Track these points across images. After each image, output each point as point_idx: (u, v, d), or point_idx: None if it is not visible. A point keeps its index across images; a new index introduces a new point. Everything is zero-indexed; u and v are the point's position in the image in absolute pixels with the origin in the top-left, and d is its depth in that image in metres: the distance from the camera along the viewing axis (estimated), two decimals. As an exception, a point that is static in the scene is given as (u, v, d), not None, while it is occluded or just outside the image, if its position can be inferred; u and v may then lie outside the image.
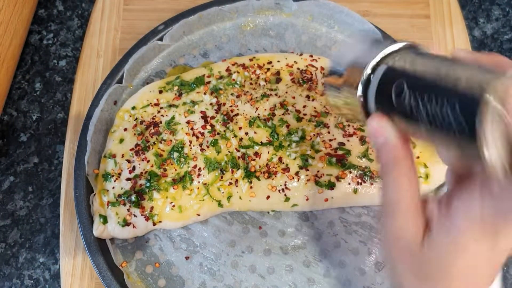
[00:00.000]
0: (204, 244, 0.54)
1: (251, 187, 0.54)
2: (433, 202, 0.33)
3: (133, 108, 0.57)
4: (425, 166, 0.55)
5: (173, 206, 0.53)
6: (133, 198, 0.53)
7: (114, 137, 0.56)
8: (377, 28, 0.60)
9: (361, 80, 0.36)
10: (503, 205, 0.28)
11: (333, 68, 0.39)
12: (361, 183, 0.54)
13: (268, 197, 0.54)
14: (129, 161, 0.54)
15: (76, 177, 0.54)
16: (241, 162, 0.54)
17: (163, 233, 0.55)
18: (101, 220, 0.52)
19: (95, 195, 0.54)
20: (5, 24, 0.58)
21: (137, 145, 0.55)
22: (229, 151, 0.55)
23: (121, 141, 0.56)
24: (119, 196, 0.53)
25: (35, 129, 0.62)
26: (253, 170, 0.54)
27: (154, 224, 0.53)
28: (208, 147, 0.55)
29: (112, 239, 0.54)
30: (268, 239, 0.55)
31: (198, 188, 0.53)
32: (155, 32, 0.61)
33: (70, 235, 0.56)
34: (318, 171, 0.54)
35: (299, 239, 0.55)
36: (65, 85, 0.64)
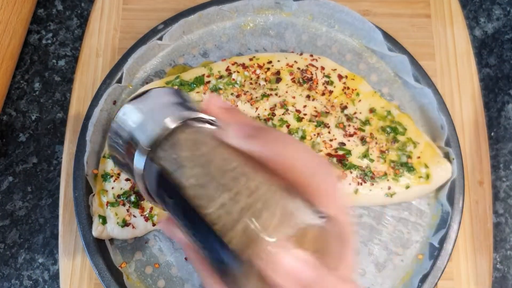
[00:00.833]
0: (203, 244, 0.54)
1: (251, 188, 0.53)
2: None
3: (133, 108, 0.57)
4: (426, 166, 0.55)
5: (173, 206, 0.53)
6: (133, 198, 0.53)
7: (113, 137, 0.56)
8: (377, 27, 0.60)
9: (133, 168, 0.31)
10: None
11: (117, 132, 0.33)
12: (361, 184, 0.54)
13: (268, 198, 0.54)
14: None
15: (75, 177, 0.54)
16: (241, 162, 0.54)
17: (163, 233, 0.55)
18: (100, 220, 0.52)
19: (94, 195, 0.54)
20: (4, 23, 0.58)
21: (136, 145, 0.55)
22: (229, 151, 0.54)
23: (120, 141, 0.55)
24: (119, 196, 0.53)
25: (34, 129, 0.62)
26: (253, 170, 0.54)
27: (153, 224, 0.53)
28: (207, 147, 0.54)
29: (111, 240, 0.54)
30: (268, 240, 0.54)
31: (197, 188, 0.53)
32: (154, 31, 0.61)
33: (69, 236, 0.56)
34: (318, 171, 0.54)
35: (299, 239, 0.54)
36: (64, 85, 0.64)
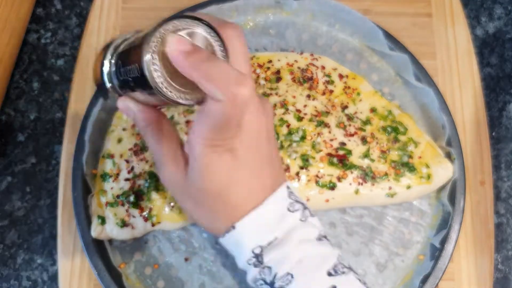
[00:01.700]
0: (203, 245, 0.54)
1: (251, 188, 0.53)
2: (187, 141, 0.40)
3: (132, 107, 0.57)
4: (427, 166, 0.54)
5: (172, 206, 0.52)
6: (132, 198, 0.52)
7: (112, 137, 0.55)
8: (378, 26, 0.59)
9: (101, 60, 0.39)
10: (211, 118, 0.34)
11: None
12: (362, 184, 0.54)
13: (268, 198, 0.53)
14: (127, 161, 0.54)
15: (74, 177, 0.54)
16: (241, 162, 0.54)
17: (162, 234, 0.55)
18: (99, 221, 0.52)
19: (93, 195, 0.54)
20: (2, 23, 0.58)
21: (135, 145, 0.55)
22: (229, 151, 0.54)
23: (119, 141, 0.55)
24: (118, 196, 0.53)
25: (33, 129, 0.62)
26: (253, 170, 0.53)
27: (153, 225, 0.53)
28: (207, 147, 0.54)
29: (110, 240, 0.54)
30: (268, 240, 0.54)
31: (197, 188, 0.53)
32: (154, 30, 0.60)
33: (68, 236, 0.56)
34: (318, 171, 0.54)
35: (299, 240, 0.54)
36: (63, 84, 0.63)
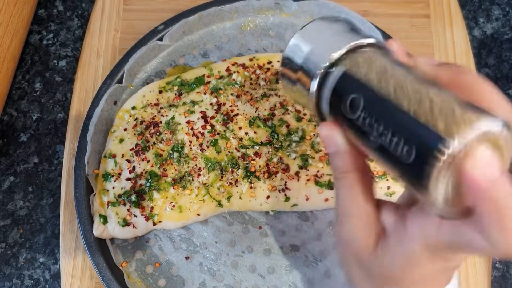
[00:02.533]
0: (204, 244, 0.54)
1: (251, 187, 0.54)
2: (389, 209, 0.33)
3: (133, 108, 0.57)
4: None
5: (173, 206, 0.53)
6: (133, 198, 0.53)
7: (114, 137, 0.56)
8: (376, 27, 0.60)
9: (314, 76, 0.32)
10: (459, 238, 0.28)
11: (289, 57, 0.34)
12: (361, 183, 0.54)
13: (268, 197, 0.54)
14: (129, 161, 0.54)
15: (76, 177, 0.54)
16: (241, 162, 0.54)
17: (163, 233, 0.55)
18: (101, 220, 0.52)
19: (95, 195, 0.54)
20: (5, 24, 0.58)
21: (137, 145, 0.55)
22: (229, 151, 0.55)
23: (121, 141, 0.56)
24: (119, 196, 0.53)
25: (35, 129, 0.62)
26: (253, 170, 0.54)
27: (154, 224, 0.53)
28: (208, 147, 0.55)
29: (112, 239, 0.54)
30: (268, 239, 0.55)
31: (198, 188, 0.53)
32: (155, 32, 0.61)
33: (70, 235, 0.56)
34: (318, 171, 0.54)
35: (299, 239, 0.55)
36: (65, 85, 0.64)
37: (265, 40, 0.63)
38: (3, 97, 0.61)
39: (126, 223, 0.52)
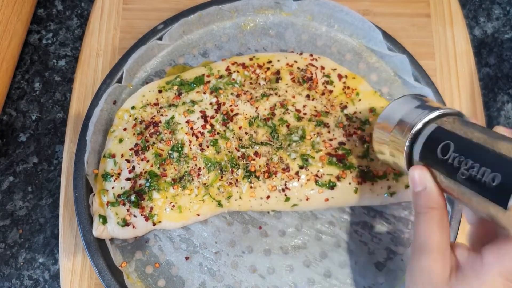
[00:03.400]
0: (204, 244, 0.54)
1: (251, 187, 0.54)
2: (463, 246, 0.38)
3: (133, 107, 0.57)
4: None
5: (173, 206, 0.53)
6: (133, 198, 0.53)
7: (113, 136, 0.56)
8: (377, 27, 0.60)
9: (411, 132, 0.42)
10: None
11: (383, 120, 0.47)
12: (361, 183, 0.54)
13: (268, 197, 0.54)
14: (128, 161, 0.54)
15: (75, 177, 0.54)
16: (241, 162, 0.54)
17: (163, 233, 0.55)
18: (101, 220, 0.52)
19: (94, 195, 0.54)
20: (4, 23, 0.58)
21: (136, 145, 0.55)
22: (229, 151, 0.54)
23: (120, 141, 0.55)
24: (119, 196, 0.53)
25: (35, 129, 0.62)
26: (253, 170, 0.54)
27: (153, 224, 0.53)
28: (208, 146, 0.54)
29: (111, 239, 0.54)
30: (268, 239, 0.54)
31: (198, 188, 0.53)
32: (154, 31, 0.61)
33: (69, 235, 0.56)
34: (318, 171, 0.54)
35: (299, 239, 0.55)
36: (65, 85, 0.64)
37: (265, 39, 0.63)
38: (3, 97, 0.61)
39: (125, 223, 0.52)
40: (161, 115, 0.56)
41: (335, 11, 0.61)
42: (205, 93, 0.57)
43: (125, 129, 0.56)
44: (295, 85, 0.58)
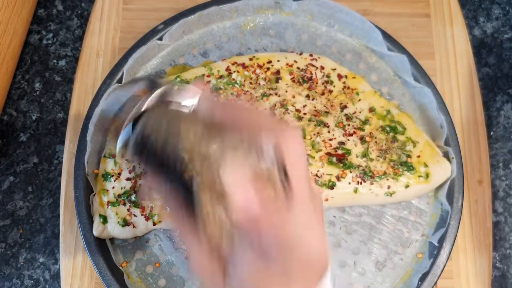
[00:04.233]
0: (204, 244, 0.54)
1: (251, 187, 0.54)
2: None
3: (133, 107, 0.57)
4: (425, 165, 0.55)
5: (173, 206, 0.53)
6: (133, 198, 0.53)
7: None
8: (377, 27, 0.60)
9: (119, 138, 0.36)
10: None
11: (105, 113, 0.38)
12: (361, 183, 0.54)
13: (268, 197, 0.54)
14: (128, 161, 0.54)
15: (76, 177, 0.54)
16: (241, 161, 0.54)
17: (163, 232, 0.55)
18: (101, 220, 0.52)
19: (95, 195, 0.54)
20: (4, 24, 0.58)
21: (137, 145, 0.55)
22: (229, 151, 0.54)
23: (120, 141, 0.55)
24: (119, 196, 0.53)
25: (35, 129, 0.62)
26: (253, 169, 0.54)
27: (154, 224, 0.53)
28: (208, 146, 0.54)
29: (112, 239, 0.54)
30: (268, 239, 0.54)
31: (198, 188, 0.53)
32: (154, 31, 0.61)
33: (70, 235, 0.56)
34: (318, 171, 0.54)
35: (299, 238, 0.55)
36: (65, 85, 0.64)
37: (265, 39, 0.63)
38: (3, 97, 0.61)
39: (126, 223, 0.52)
40: (161, 115, 0.56)
41: (335, 11, 0.61)
42: (205, 93, 0.57)
43: (125, 129, 0.56)
44: (295, 85, 0.58)
